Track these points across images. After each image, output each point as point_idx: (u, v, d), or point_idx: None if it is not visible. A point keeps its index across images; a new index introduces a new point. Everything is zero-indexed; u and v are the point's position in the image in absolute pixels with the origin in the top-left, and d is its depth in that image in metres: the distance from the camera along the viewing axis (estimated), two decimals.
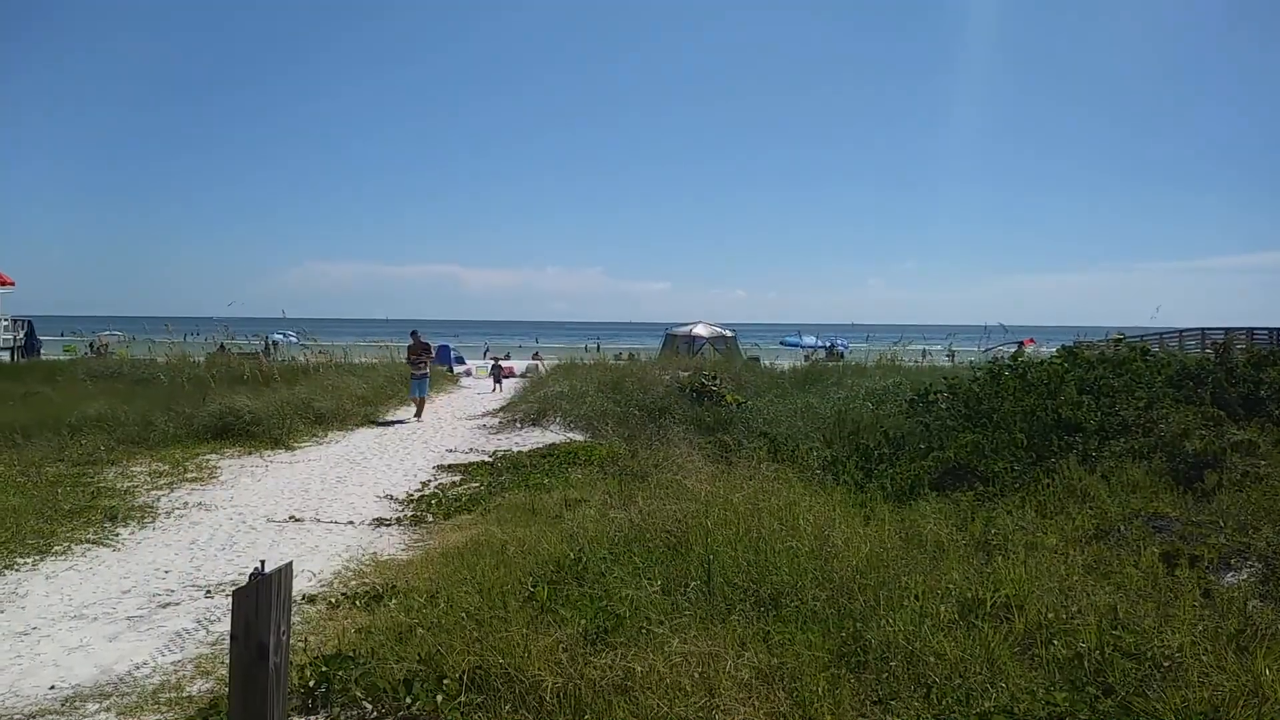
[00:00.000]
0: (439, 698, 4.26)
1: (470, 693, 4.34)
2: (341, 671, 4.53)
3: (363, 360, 25.97)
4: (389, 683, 4.42)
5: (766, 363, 27.35)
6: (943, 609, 5.12)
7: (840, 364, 24.12)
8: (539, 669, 4.40)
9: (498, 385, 25.39)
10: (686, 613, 5.17)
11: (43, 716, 4.71)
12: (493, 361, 32.51)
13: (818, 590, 5.49)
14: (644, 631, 4.89)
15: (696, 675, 4.37)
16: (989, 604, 5.19)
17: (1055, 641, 4.67)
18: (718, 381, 17.26)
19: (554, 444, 14.00)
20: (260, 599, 2.23)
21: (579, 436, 14.90)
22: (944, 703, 4.15)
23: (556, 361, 29.09)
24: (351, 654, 4.78)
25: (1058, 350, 14.61)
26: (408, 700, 4.28)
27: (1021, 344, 26.79)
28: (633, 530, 7.17)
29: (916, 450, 10.28)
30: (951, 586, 5.50)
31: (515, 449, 13.98)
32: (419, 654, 4.70)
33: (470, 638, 4.84)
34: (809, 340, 52.68)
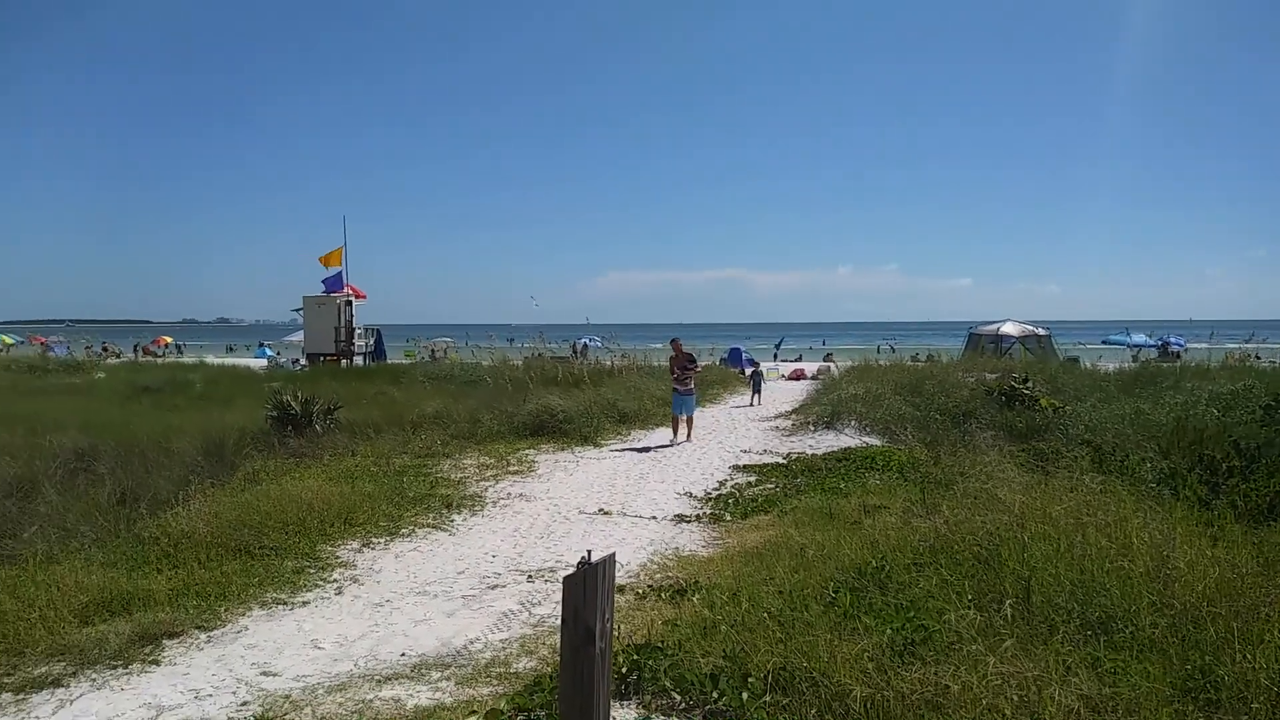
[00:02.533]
0: (744, 695, 4.30)
1: (775, 693, 4.35)
2: (651, 661, 4.71)
3: (660, 364, 26.99)
4: (696, 676, 4.53)
5: (1087, 363, 25.04)
6: None
7: (1177, 365, 21.58)
8: (845, 676, 4.32)
9: (756, 396, 22.36)
10: (1002, 631, 4.85)
11: (397, 680, 5.33)
12: (752, 369, 26.35)
13: (1156, 616, 4.93)
14: (955, 647, 4.65)
15: (1016, 698, 4.08)
16: None
17: None
18: (1030, 384, 16.06)
19: (849, 448, 13.73)
20: (587, 586, 2.38)
21: (876, 441, 14.50)
22: None
23: (850, 363, 28.51)
24: (660, 645, 4.96)
25: None
26: (714, 695, 4.37)
27: None
28: (938, 540, 6.84)
29: (1276, 464, 8.94)
30: None
31: (809, 452, 13.87)
32: (723, 650, 4.78)
33: (773, 638, 4.85)
34: (1138, 338, 47.59)
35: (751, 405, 21.60)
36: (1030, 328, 31.04)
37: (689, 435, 15.45)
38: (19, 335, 72.89)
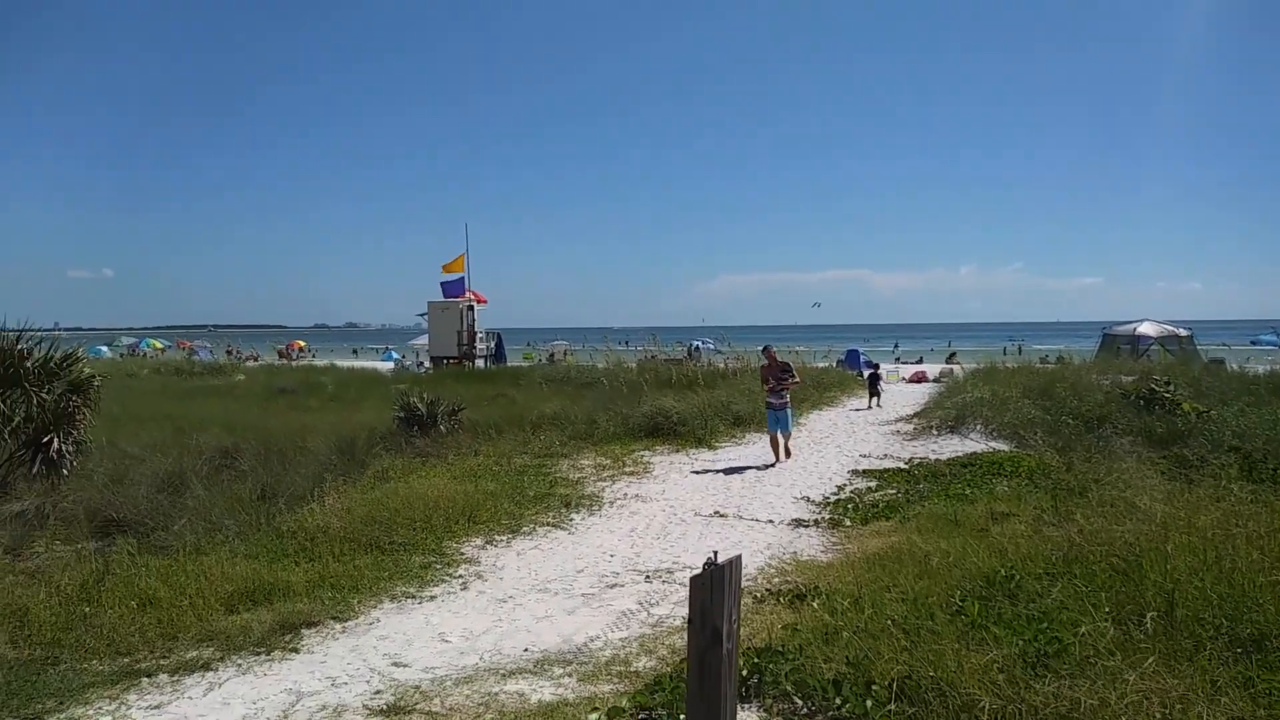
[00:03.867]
0: (868, 703, 4.23)
1: (900, 702, 4.26)
2: (772, 665, 4.68)
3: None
4: (818, 681, 4.48)
5: (1233, 365, 23.53)
6: None
7: None
8: (974, 687, 4.19)
9: (875, 399, 21.59)
10: (1143, 646, 4.61)
11: (521, 674, 5.45)
12: (871, 371, 24.65)
13: None
14: (1092, 661, 4.45)
15: (1159, 716, 3.89)
16: None
17: None
18: (1171, 387, 15.20)
19: (975, 453, 13.29)
20: (714, 587, 2.38)
21: (1003, 446, 13.99)
22: None
23: (975, 365, 27.61)
24: (780, 649, 4.92)
25: None
26: (837, 701, 4.31)
27: None
28: (1072, 550, 6.55)
29: None
30: None
31: (932, 457, 13.49)
32: (846, 656, 4.71)
33: (898, 646, 4.75)
34: None
35: (870, 408, 21.13)
36: (1170, 328, 29.42)
37: (787, 453, 13.72)
38: (168, 340, 77.90)
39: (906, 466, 12.75)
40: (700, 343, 40.03)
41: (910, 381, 29.36)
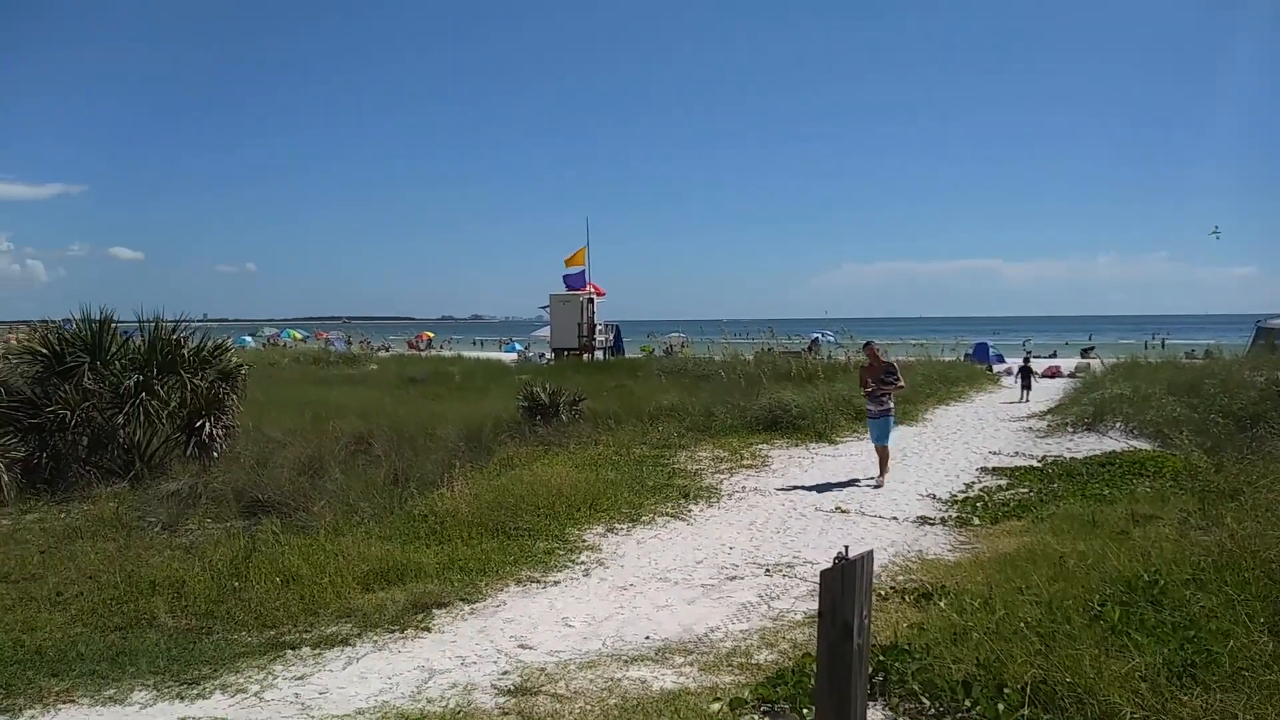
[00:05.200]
0: (1000, 706, 4.10)
1: (1033, 707, 4.11)
2: (898, 663, 4.59)
3: (898, 360, 26.13)
4: (946, 682, 4.37)
5: None
6: None
7: None
8: (1115, 695, 4.01)
9: (1025, 392, 21.61)
10: None
11: (642, 661, 5.52)
12: (1021, 363, 24.60)
13: None
14: (1245, 674, 4.19)
15: None
16: None
17: None
18: None
19: (1114, 451, 12.66)
20: (845, 581, 2.36)
21: (1144, 444, 13.28)
22: None
23: (1114, 359, 26.27)
24: (907, 648, 4.82)
25: None
26: (966, 703, 4.19)
27: None
28: (1222, 555, 6.17)
29: None
30: None
31: (1067, 455, 12.93)
32: (976, 658, 4.57)
33: (1031, 649, 4.58)
34: None
35: (1021, 401, 21.02)
36: None
37: (882, 470, 11.64)
38: (305, 331, 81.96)
39: (1040, 465, 12.26)
40: (821, 335, 39.42)
41: (1043, 376, 28.19)
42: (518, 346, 54.80)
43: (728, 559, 8.07)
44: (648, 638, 6.02)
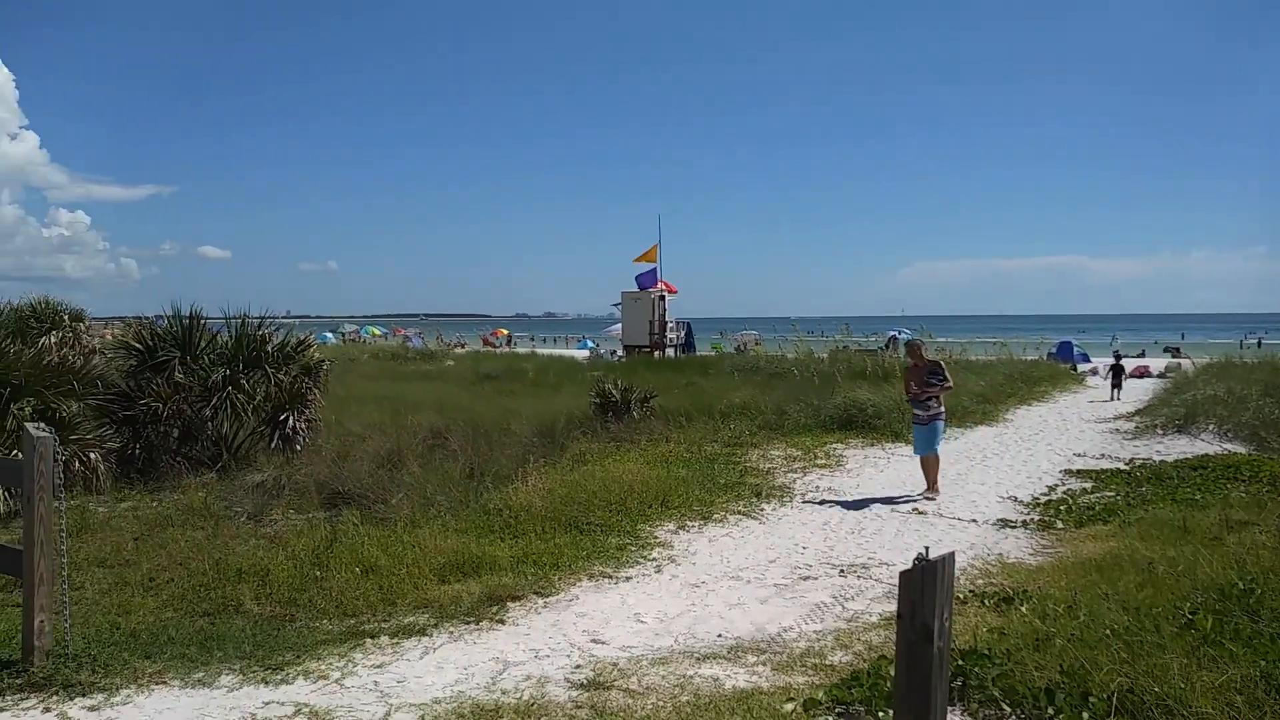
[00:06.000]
0: (1084, 715, 3.97)
1: (1119, 716, 3.97)
2: (978, 668, 4.48)
3: (978, 358, 25.56)
4: (1028, 689, 4.25)
5: None
6: None
7: None
8: (1207, 707, 3.85)
9: (1116, 391, 21.54)
10: None
11: (715, 659, 5.49)
12: (1112, 361, 24.60)
13: None
14: None
15: None
16: None
17: None
18: None
19: (1206, 455, 12.17)
20: (925, 583, 2.30)
21: (1239, 448, 12.75)
22: None
23: (1206, 359, 25.24)
24: (987, 652, 4.70)
25: None
26: (1049, 711, 4.07)
27: None
28: None
29: None
30: None
31: (1157, 458, 12.48)
32: (1060, 665, 4.43)
33: (1118, 658, 4.43)
34: None
35: (1111, 400, 20.89)
36: None
37: (931, 484, 10.65)
38: (384, 327, 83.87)
39: (1127, 467, 11.86)
40: (898, 332, 38.77)
41: (1131, 376, 27.27)
42: (590, 344, 55.17)
43: (801, 559, 7.99)
44: (720, 636, 5.99)
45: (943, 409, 10.94)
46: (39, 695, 4.86)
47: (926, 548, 2.51)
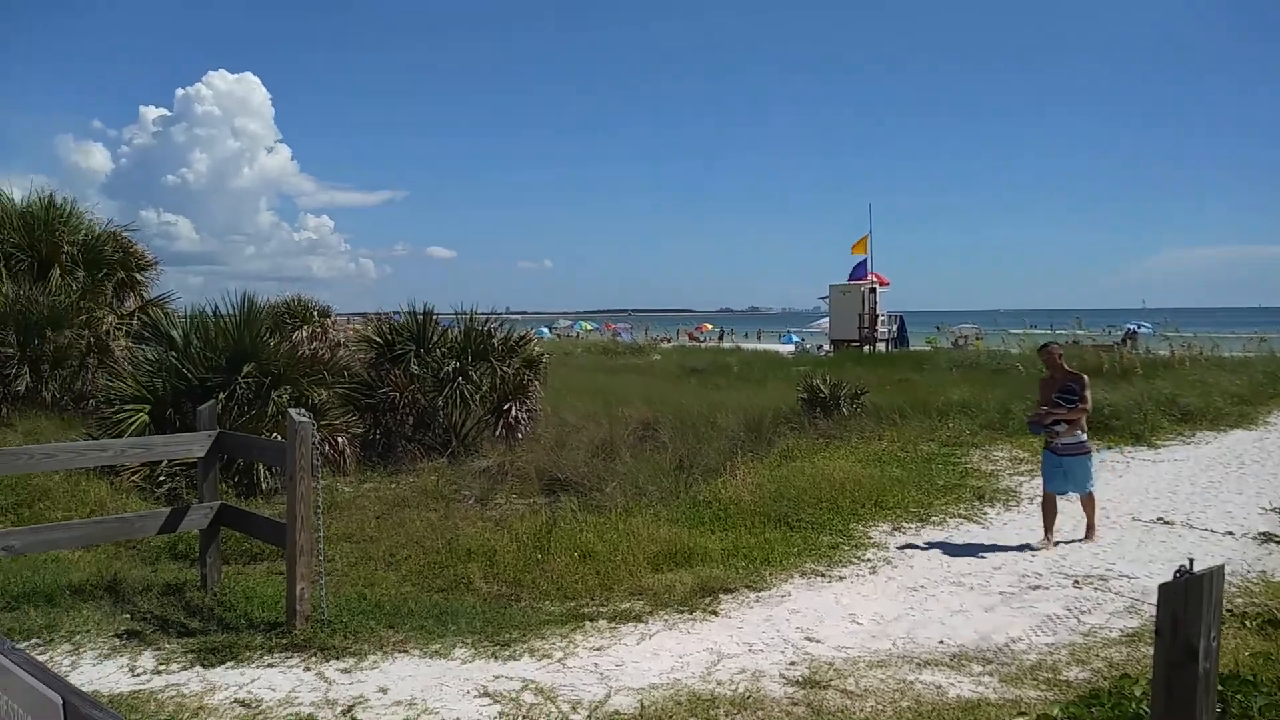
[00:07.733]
0: None
1: None
2: (1240, 695, 4.04)
3: (1233, 354, 23.12)
4: None
5: None
6: None
7: None
8: None
9: None
10: None
11: (936, 666, 5.28)
12: None
13: None
14: None
15: None
16: None
17: None
18: None
19: None
20: (1190, 598, 2.10)
21: None
22: None
23: None
24: (1251, 679, 4.24)
25: None
26: None
27: None
28: None
29: None
30: None
31: None
32: None
33: None
34: None
35: None
36: None
37: (1089, 529, 8.46)
38: (595, 323, 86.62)
39: None
40: (1137, 326, 35.74)
41: None
42: (795, 338, 54.46)
43: (1030, 566, 7.53)
44: (941, 642, 5.76)
45: (1085, 436, 8.42)
46: (301, 655, 5.38)
47: (1191, 559, 2.29)
